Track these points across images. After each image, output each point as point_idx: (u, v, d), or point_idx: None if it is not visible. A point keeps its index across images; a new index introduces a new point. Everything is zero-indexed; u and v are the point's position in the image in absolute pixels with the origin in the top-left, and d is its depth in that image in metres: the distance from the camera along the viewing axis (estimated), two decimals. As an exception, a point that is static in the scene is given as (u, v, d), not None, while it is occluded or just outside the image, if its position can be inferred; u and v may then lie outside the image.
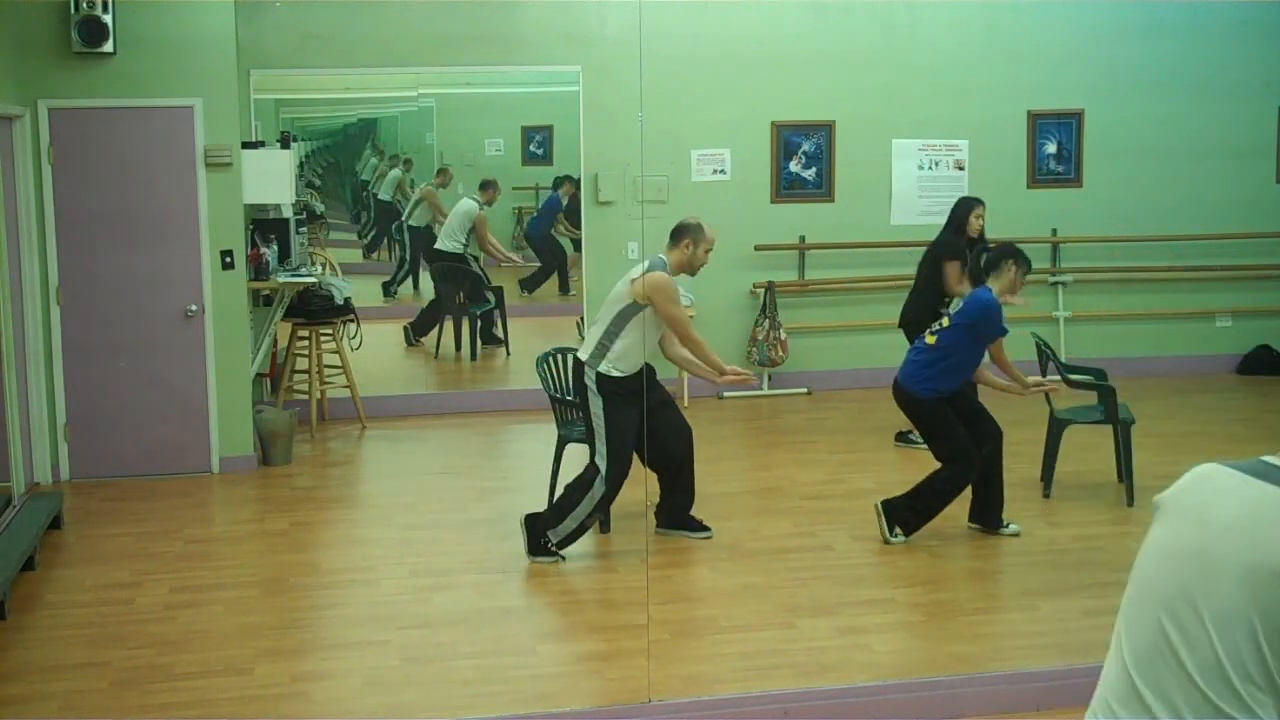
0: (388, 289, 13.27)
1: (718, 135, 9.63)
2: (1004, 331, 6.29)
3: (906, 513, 6.35)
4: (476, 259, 11.87)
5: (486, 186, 11.91)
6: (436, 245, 11.61)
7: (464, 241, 11.52)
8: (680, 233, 6.27)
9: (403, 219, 13.10)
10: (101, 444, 7.73)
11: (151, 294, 7.72)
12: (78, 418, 7.72)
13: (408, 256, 13.20)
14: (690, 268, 6.28)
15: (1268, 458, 2.08)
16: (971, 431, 6.34)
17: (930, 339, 6.35)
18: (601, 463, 6.10)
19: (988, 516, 6.51)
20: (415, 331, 11.56)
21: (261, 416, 8.07)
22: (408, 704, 4.76)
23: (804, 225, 9.84)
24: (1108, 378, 7.32)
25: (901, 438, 8.24)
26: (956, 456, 6.28)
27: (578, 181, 12.83)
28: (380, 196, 14.31)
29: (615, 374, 6.12)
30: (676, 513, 6.51)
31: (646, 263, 6.16)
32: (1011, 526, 6.50)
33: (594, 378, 6.14)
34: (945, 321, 6.38)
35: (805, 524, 6.69)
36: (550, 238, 13.27)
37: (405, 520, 7.00)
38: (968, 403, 6.50)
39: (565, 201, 12.81)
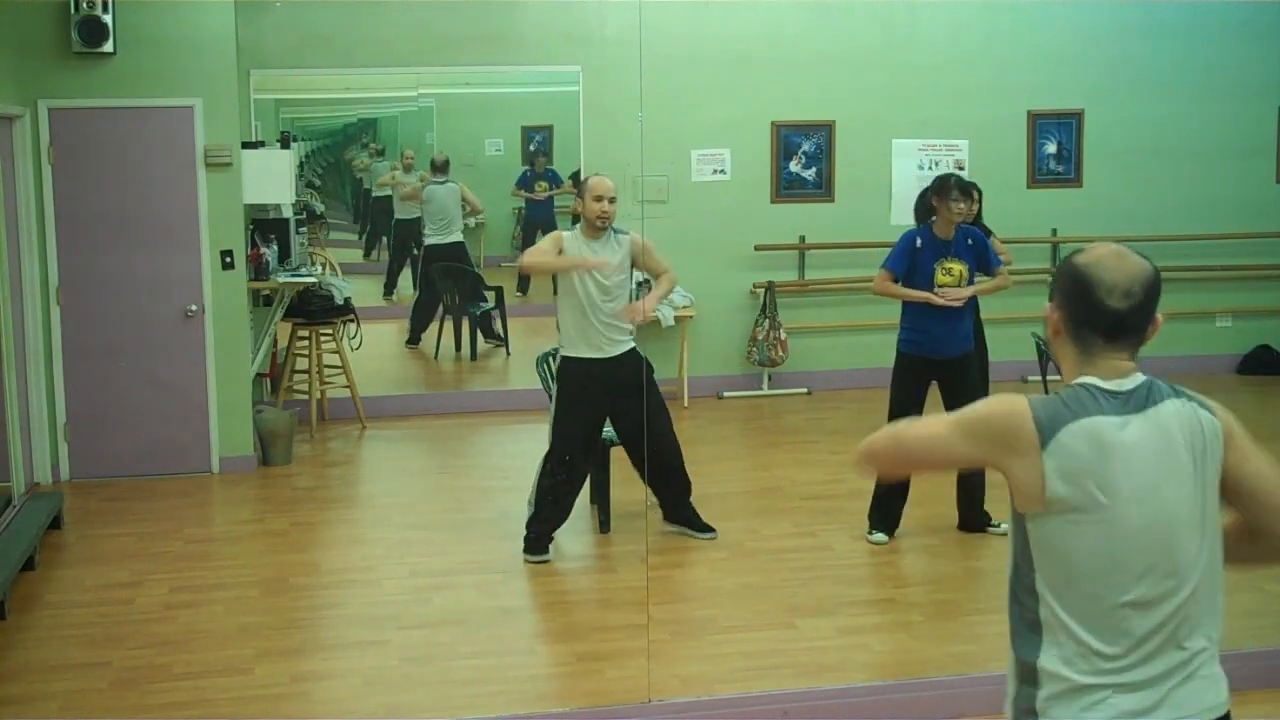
0: (389, 289, 13.24)
1: (718, 135, 9.62)
2: (888, 263, 6.37)
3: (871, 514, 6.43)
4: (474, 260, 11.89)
5: (441, 167, 11.87)
6: (432, 241, 11.56)
7: (462, 226, 11.61)
8: (577, 193, 6.29)
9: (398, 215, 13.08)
10: (101, 444, 7.73)
11: (151, 294, 7.72)
12: (78, 418, 7.72)
13: (393, 251, 13.20)
14: (589, 225, 6.10)
15: (1093, 383, 2.37)
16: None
17: None
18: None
19: (970, 517, 6.48)
20: (411, 336, 11.52)
21: (261, 416, 8.07)
22: (408, 704, 4.76)
23: (804, 225, 9.84)
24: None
25: None
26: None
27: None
28: (375, 193, 14.29)
29: (564, 354, 6.17)
30: (672, 509, 6.48)
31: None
32: (1003, 525, 6.45)
33: (558, 360, 6.25)
34: None
35: (805, 524, 6.69)
36: (556, 224, 13.22)
37: (405, 520, 7.00)
38: (959, 388, 6.34)
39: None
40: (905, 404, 6.32)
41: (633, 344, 6.23)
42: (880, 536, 6.37)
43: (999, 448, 2.36)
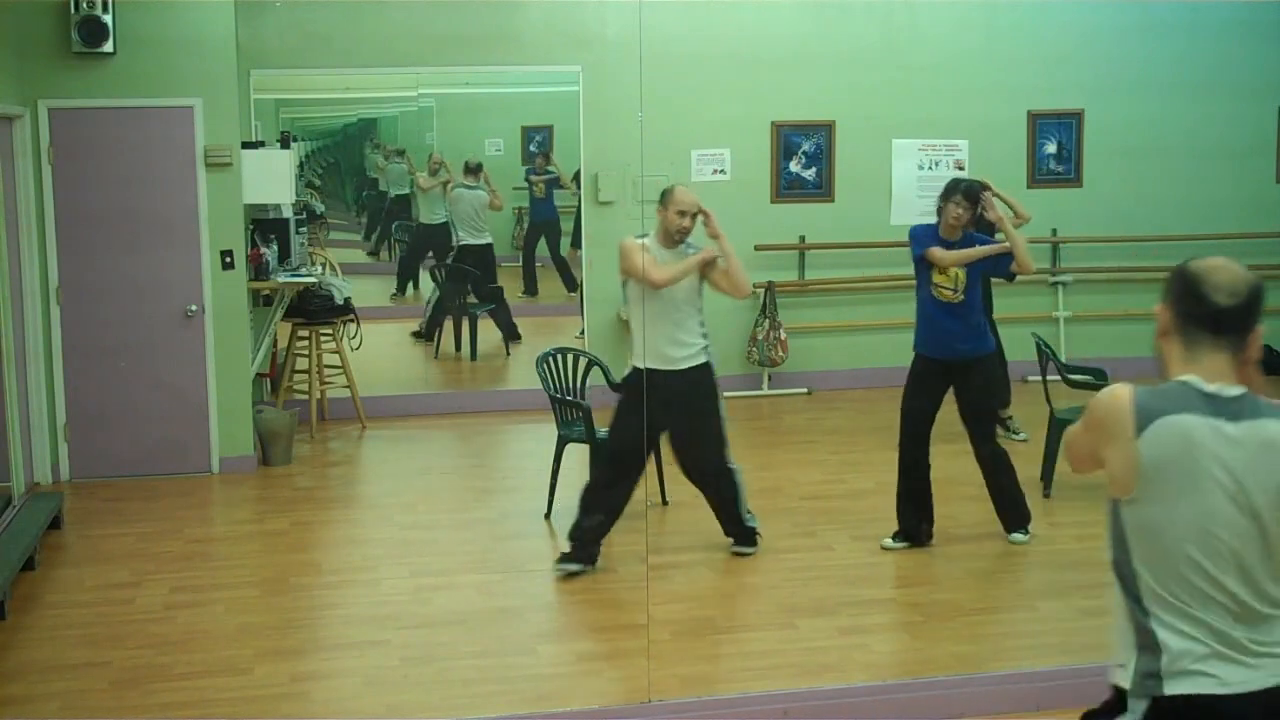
0: (403, 289, 13.25)
1: (718, 135, 9.62)
2: (916, 253, 6.25)
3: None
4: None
5: (473, 170, 11.95)
6: (466, 242, 11.70)
7: (486, 228, 11.74)
8: (659, 201, 6.08)
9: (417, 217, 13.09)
10: (101, 444, 7.73)
11: (151, 294, 7.72)
12: (78, 418, 7.72)
13: (410, 252, 13.19)
14: (667, 235, 5.98)
15: (1195, 383, 2.57)
16: (969, 430, 6.34)
17: None
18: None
19: (1003, 519, 6.47)
20: (426, 333, 11.57)
21: (261, 416, 8.07)
22: (408, 704, 4.76)
23: (804, 225, 9.84)
24: (1108, 378, 7.31)
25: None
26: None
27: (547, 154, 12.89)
28: (392, 193, 14.29)
29: (633, 364, 5.98)
30: (727, 527, 6.34)
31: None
32: (1014, 535, 6.42)
33: (629, 369, 6.05)
34: None
35: (805, 524, 6.69)
36: (558, 225, 13.22)
37: (405, 520, 7.00)
38: (972, 388, 6.30)
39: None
40: (916, 404, 6.29)
41: (705, 358, 6.05)
42: (888, 541, 6.32)
43: (1102, 434, 2.62)
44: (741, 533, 6.31)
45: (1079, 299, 10.35)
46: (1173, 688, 2.59)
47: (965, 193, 6.20)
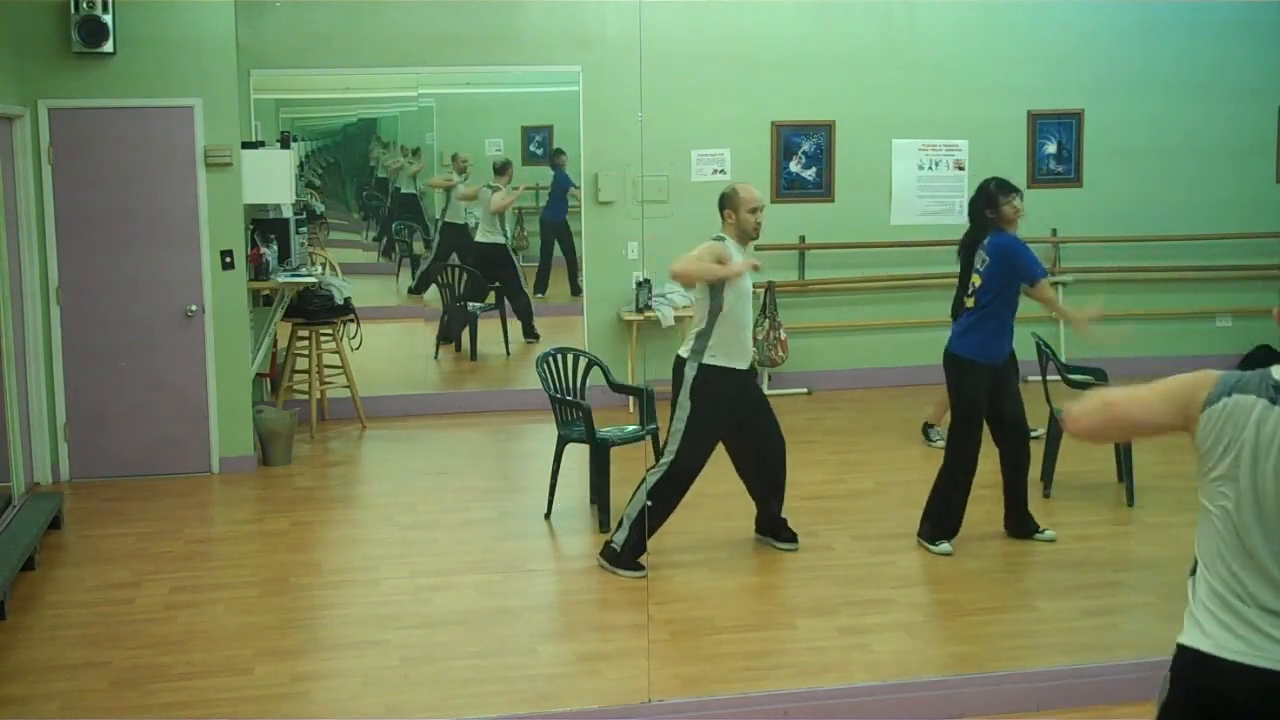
0: (423, 285, 13.22)
1: (718, 135, 9.62)
2: (1044, 271, 6.26)
3: (928, 523, 6.35)
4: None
5: (499, 169, 12.09)
6: (479, 239, 11.78)
7: (498, 227, 11.78)
8: (720, 206, 6.06)
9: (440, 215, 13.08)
10: (101, 444, 7.73)
11: (151, 294, 7.73)
12: (78, 418, 7.72)
13: (435, 253, 13.19)
14: (744, 235, 6.01)
15: (1272, 370, 2.67)
16: (997, 424, 6.33)
17: (970, 302, 6.32)
18: (670, 455, 5.93)
19: (1010, 520, 6.48)
20: (446, 337, 11.54)
21: (261, 416, 8.07)
22: (408, 704, 4.76)
23: (804, 225, 9.84)
24: (1108, 378, 7.32)
25: (925, 433, 8.31)
26: (956, 442, 6.26)
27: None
28: (404, 190, 14.26)
29: (707, 363, 5.93)
30: (766, 521, 6.42)
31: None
32: (1047, 533, 6.44)
33: (695, 370, 5.94)
34: (978, 280, 6.26)
35: (805, 524, 6.68)
36: (568, 225, 13.20)
37: (405, 520, 7.00)
38: (1006, 389, 6.33)
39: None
40: (980, 409, 6.24)
41: None
42: (945, 546, 6.28)
43: (1186, 410, 2.73)
44: (784, 526, 6.37)
45: (1079, 299, 10.29)
46: (1181, 635, 2.77)
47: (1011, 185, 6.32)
